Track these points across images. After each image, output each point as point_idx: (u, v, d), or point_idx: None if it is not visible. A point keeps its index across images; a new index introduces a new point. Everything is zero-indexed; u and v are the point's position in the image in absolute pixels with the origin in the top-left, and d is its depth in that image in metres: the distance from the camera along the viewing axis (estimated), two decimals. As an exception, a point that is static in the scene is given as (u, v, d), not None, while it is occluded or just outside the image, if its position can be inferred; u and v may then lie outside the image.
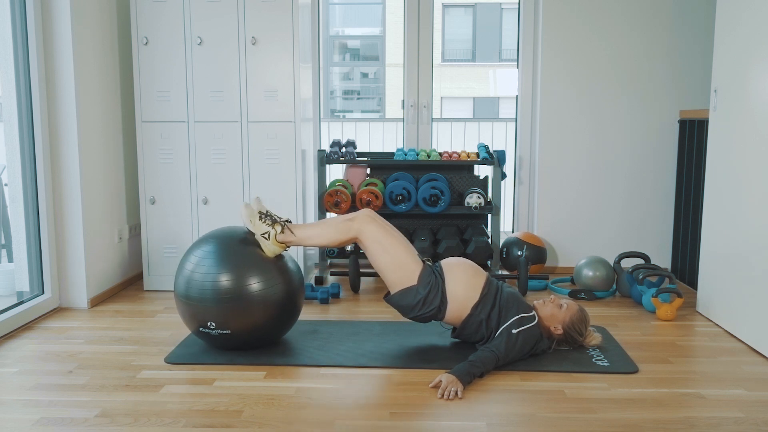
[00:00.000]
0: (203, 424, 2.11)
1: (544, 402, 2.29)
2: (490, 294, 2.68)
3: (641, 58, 4.10)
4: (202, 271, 2.60)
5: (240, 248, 2.65)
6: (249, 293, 2.58)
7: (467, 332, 2.70)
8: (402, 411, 2.21)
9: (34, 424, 2.12)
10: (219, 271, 2.58)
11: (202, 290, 2.58)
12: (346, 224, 2.70)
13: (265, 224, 2.68)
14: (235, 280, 2.58)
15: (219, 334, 2.63)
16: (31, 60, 3.17)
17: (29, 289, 3.28)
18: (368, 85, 18.53)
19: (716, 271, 3.19)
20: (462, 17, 16.52)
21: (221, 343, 2.69)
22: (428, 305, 2.65)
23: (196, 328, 2.66)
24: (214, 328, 2.61)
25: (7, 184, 3.41)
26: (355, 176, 4.07)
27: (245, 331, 2.64)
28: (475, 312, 2.65)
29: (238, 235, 2.71)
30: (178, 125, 3.63)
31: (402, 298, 2.67)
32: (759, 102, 2.82)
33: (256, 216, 2.70)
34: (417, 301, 2.64)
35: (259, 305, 2.60)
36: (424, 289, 2.63)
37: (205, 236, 2.75)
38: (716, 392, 2.38)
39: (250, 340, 2.70)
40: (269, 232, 2.67)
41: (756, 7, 2.85)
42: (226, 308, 2.57)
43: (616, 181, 4.20)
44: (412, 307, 2.66)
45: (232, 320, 2.60)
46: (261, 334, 2.70)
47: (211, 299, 2.57)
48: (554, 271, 4.24)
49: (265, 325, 2.66)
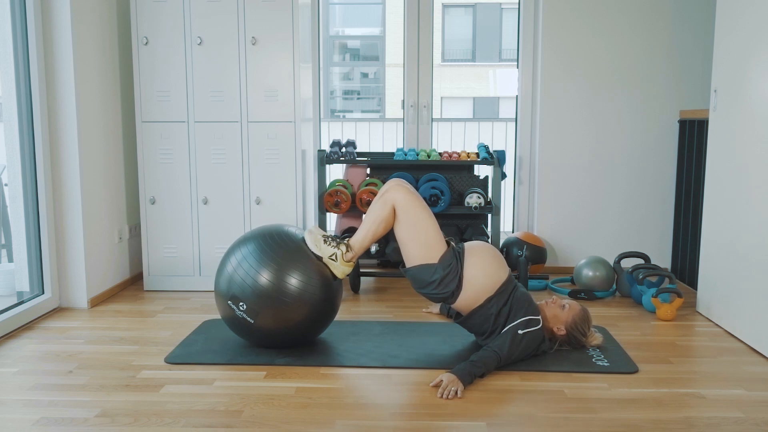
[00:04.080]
0: (203, 424, 2.11)
1: (544, 402, 2.29)
2: (506, 290, 2.66)
3: (641, 58, 4.10)
4: (243, 270, 2.60)
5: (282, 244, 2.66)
6: (287, 292, 2.58)
7: (473, 322, 2.69)
8: (402, 411, 2.21)
9: (34, 424, 2.12)
10: (258, 271, 2.58)
11: (243, 286, 2.59)
12: (382, 198, 2.72)
13: (331, 246, 2.70)
14: (275, 278, 2.57)
15: (243, 317, 2.62)
16: (31, 60, 3.17)
17: (29, 289, 3.28)
18: (368, 85, 18.52)
19: (716, 271, 3.19)
20: (462, 17, 16.52)
21: (238, 328, 2.68)
22: (443, 287, 2.63)
23: (225, 302, 2.65)
24: (244, 309, 2.61)
25: (7, 184, 3.41)
26: (355, 176, 4.06)
27: (270, 329, 2.64)
28: (487, 305, 2.63)
29: (279, 231, 2.72)
30: (178, 125, 3.63)
31: (419, 273, 2.66)
32: (759, 102, 2.82)
33: (321, 240, 2.71)
34: (433, 280, 2.64)
35: (295, 305, 2.60)
36: (444, 271, 2.62)
37: (247, 235, 2.76)
38: (716, 392, 2.38)
39: (267, 336, 2.69)
40: (336, 253, 2.69)
41: (756, 7, 2.85)
42: (263, 302, 2.58)
43: (616, 181, 4.20)
44: (427, 284, 2.66)
45: (263, 314, 2.59)
46: (293, 333, 2.69)
47: (251, 293, 2.58)
48: (554, 271, 4.24)
49: (297, 325, 2.66)
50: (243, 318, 2.62)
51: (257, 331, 2.65)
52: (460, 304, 2.68)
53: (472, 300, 2.65)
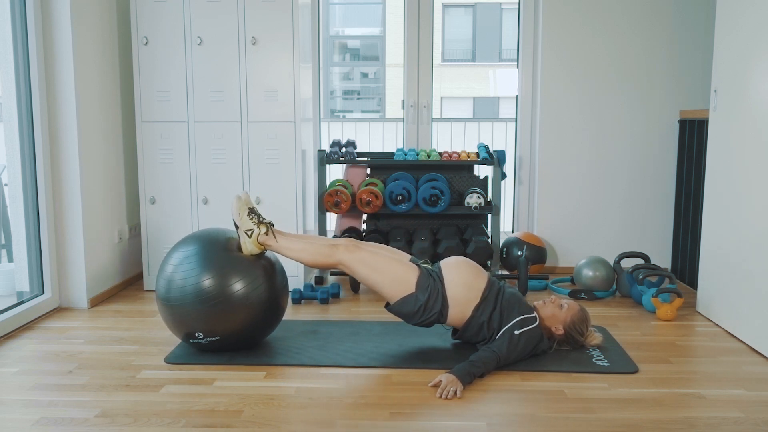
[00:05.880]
0: (203, 424, 2.11)
1: (544, 402, 2.29)
2: (491, 295, 2.67)
3: (641, 58, 4.10)
4: (182, 274, 2.57)
5: (223, 250, 2.62)
6: (231, 295, 2.56)
7: (469, 334, 2.70)
8: (402, 411, 2.21)
9: (34, 424, 2.12)
10: (201, 273, 2.55)
11: (183, 293, 2.55)
12: (329, 249, 2.67)
13: (252, 221, 2.67)
14: (218, 282, 2.55)
15: (209, 342, 2.63)
16: (31, 60, 3.17)
17: (29, 289, 3.28)
18: (368, 85, 18.52)
19: (716, 271, 3.19)
20: (462, 17, 16.52)
21: (215, 348, 2.68)
22: (429, 311, 2.63)
23: (187, 340, 2.67)
24: (203, 337, 2.61)
25: (7, 184, 3.41)
26: (355, 176, 4.06)
27: (233, 334, 2.63)
28: (476, 314, 2.64)
29: (221, 237, 2.69)
30: (178, 125, 3.63)
31: (402, 306, 2.65)
32: (759, 102, 2.82)
33: (246, 210, 2.69)
34: (418, 308, 2.63)
35: (242, 308, 2.58)
36: (424, 295, 2.62)
37: (185, 238, 2.73)
38: (716, 392, 2.38)
39: (240, 341, 2.69)
40: (253, 230, 2.66)
41: (756, 7, 2.85)
42: (210, 313, 2.55)
43: (616, 181, 4.20)
44: (414, 314, 2.65)
45: (218, 325, 2.58)
46: (247, 335, 2.68)
47: (192, 302, 2.54)
48: (554, 271, 4.24)
49: (248, 327, 2.65)
50: (210, 342, 2.63)
51: (229, 341, 2.66)
52: (452, 320, 2.69)
53: (462, 314, 2.66)
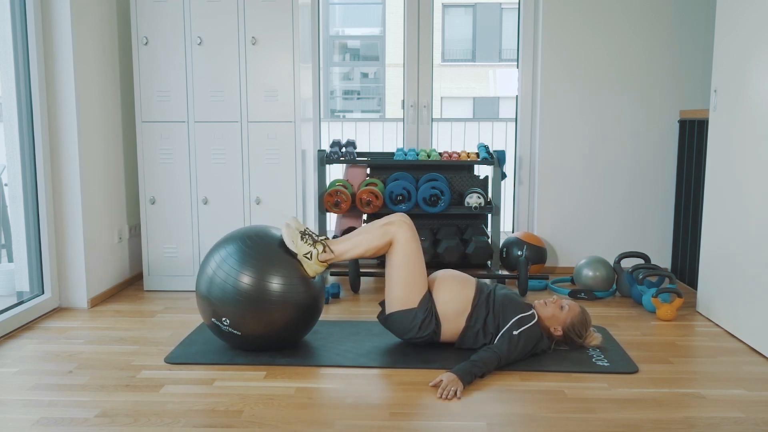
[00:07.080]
0: (203, 424, 2.11)
1: (544, 402, 2.29)
2: (481, 302, 2.68)
3: (641, 58, 4.10)
4: (223, 272, 2.57)
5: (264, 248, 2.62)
6: (269, 296, 2.55)
7: (468, 342, 2.71)
8: (402, 411, 2.21)
9: (34, 424, 2.12)
10: (240, 271, 2.55)
11: (224, 291, 2.55)
12: (384, 228, 2.66)
13: (307, 244, 2.64)
14: (257, 282, 2.54)
15: (229, 331, 2.62)
16: (31, 60, 3.17)
17: (29, 289, 3.28)
18: (368, 85, 18.52)
19: (716, 271, 3.19)
20: (462, 17, 16.52)
21: (227, 339, 2.68)
22: (424, 330, 2.65)
23: (210, 319, 2.64)
24: (228, 324, 2.60)
25: (7, 184, 3.41)
26: (355, 176, 4.06)
27: (256, 335, 2.62)
28: (470, 324, 2.66)
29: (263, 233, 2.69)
30: (178, 125, 3.63)
31: (400, 318, 2.67)
32: (759, 102, 2.82)
33: (298, 236, 2.65)
34: (413, 326, 2.65)
35: (277, 308, 2.57)
36: (423, 314, 2.64)
37: (227, 236, 2.73)
38: (716, 392, 2.38)
39: (257, 343, 2.68)
40: (311, 252, 2.64)
41: (756, 7, 2.85)
42: (244, 310, 2.55)
43: (616, 181, 4.20)
44: (408, 330, 2.67)
45: (247, 324, 2.58)
46: (274, 337, 2.66)
47: (231, 300, 2.55)
48: (554, 271, 4.24)
49: (281, 328, 2.64)
50: (230, 332, 2.62)
51: (247, 341, 2.65)
52: (447, 336, 2.71)
53: (455, 327, 2.69)
